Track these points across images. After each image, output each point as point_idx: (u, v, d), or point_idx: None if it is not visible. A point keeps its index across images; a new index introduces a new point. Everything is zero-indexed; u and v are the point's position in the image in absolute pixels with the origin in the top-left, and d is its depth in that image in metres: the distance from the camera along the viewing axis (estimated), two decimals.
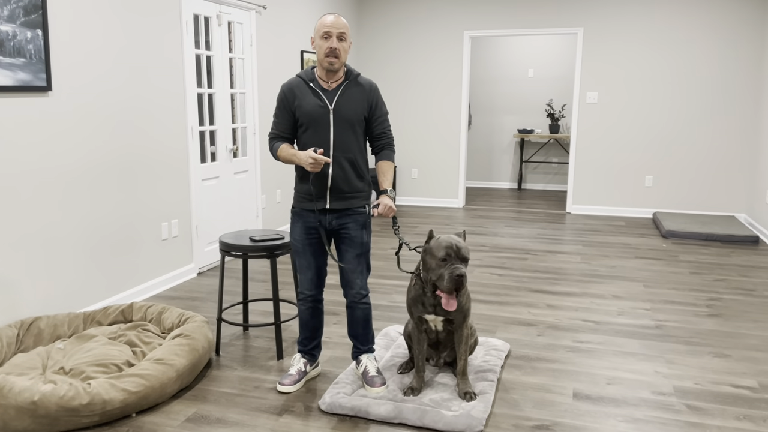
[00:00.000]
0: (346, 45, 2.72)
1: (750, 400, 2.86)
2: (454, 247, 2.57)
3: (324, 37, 2.69)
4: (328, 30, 2.67)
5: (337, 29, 2.68)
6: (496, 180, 9.53)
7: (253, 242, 3.22)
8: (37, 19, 3.33)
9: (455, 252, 2.57)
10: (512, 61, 9.19)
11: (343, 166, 2.78)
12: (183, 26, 4.52)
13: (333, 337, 3.60)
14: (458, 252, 2.57)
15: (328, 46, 2.67)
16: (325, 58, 2.70)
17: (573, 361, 3.27)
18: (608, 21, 7.03)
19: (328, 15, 2.72)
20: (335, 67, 2.71)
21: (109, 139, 3.90)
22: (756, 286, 4.60)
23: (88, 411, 2.52)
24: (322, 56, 2.70)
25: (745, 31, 6.67)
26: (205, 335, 3.14)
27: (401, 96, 7.85)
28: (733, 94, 6.80)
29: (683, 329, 3.73)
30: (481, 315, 3.97)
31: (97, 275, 3.87)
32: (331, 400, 2.75)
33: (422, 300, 2.75)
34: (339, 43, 2.68)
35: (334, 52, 2.68)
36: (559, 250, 5.66)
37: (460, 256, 2.58)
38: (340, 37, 2.69)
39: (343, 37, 2.69)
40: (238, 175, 5.37)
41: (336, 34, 2.68)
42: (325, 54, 2.69)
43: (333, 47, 2.67)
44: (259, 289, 4.49)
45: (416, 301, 2.77)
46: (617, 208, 7.33)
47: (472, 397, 2.76)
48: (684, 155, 7.03)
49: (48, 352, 3.05)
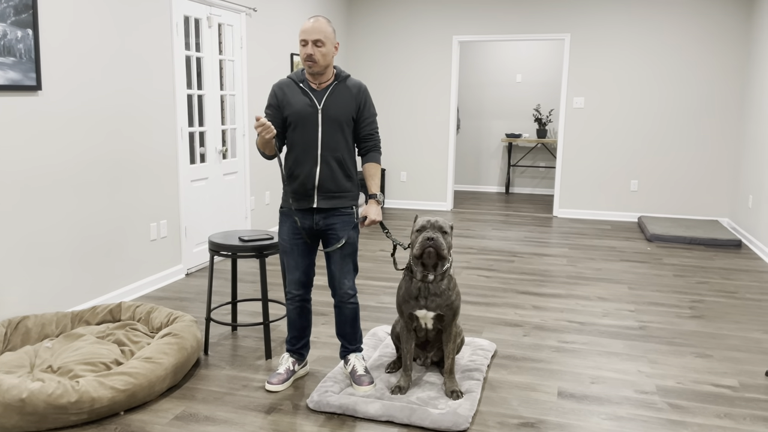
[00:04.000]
0: (325, 50, 2.73)
1: (730, 398, 2.92)
2: (432, 220, 2.74)
3: (302, 44, 2.74)
4: (304, 37, 2.72)
5: (313, 36, 2.70)
6: (484, 183, 9.59)
7: (243, 242, 3.24)
8: (27, 18, 3.34)
9: (431, 224, 2.73)
10: (500, 66, 9.27)
11: (330, 165, 2.82)
12: (173, 28, 4.54)
13: (321, 336, 3.62)
14: (434, 223, 2.73)
15: (305, 52, 2.73)
16: (304, 63, 2.75)
17: (558, 361, 3.32)
18: (595, 28, 7.12)
19: (309, 20, 2.75)
20: (314, 71, 2.76)
21: (98, 139, 3.91)
22: (738, 288, 4.68)
23: (77, 409, 2.53)
24: (302, 61, 2.76)
25: (728, 39, 6.78)
26: (193, 334, 3.15)
27: (390, 99, 7.89)
28: (716, 101, 6.91)
29: (666, 330, 3.79)
30: (468, 316, 4.01)
31: (85, 275, 3.87)
32: (319, 398, 2.77)
33: (412, 293, 2.79)
34: (315, 49, 2.71)
35: (311, 58, 2.73)
36: (546, 252, 5.72)
37: (436, 226, 2.72)
38: (316, 44, 2.71)
39: (319, 43, 2.71)
40: (227, 177, 5.38)
41: (311, 41, 2.71)
42: (304, 59, 2.74)
43: (309, 53, 2.72)
44: (248, 290, 4.50)
45: (406, 297, 2.81)
46: (603, 212, 7.41)
47: (458, 396, 2.80)
48: (669, 160, 7.13)
49: (36, 350, 3.05)
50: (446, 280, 2.79)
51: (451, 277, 2.82)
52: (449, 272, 2.82)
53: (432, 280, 2.76)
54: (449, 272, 2.82)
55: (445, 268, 2.77)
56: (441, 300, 2.77)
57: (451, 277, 2.83)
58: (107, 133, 3.98)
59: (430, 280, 2.75)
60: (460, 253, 5.66)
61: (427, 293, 2.77)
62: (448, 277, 2.80)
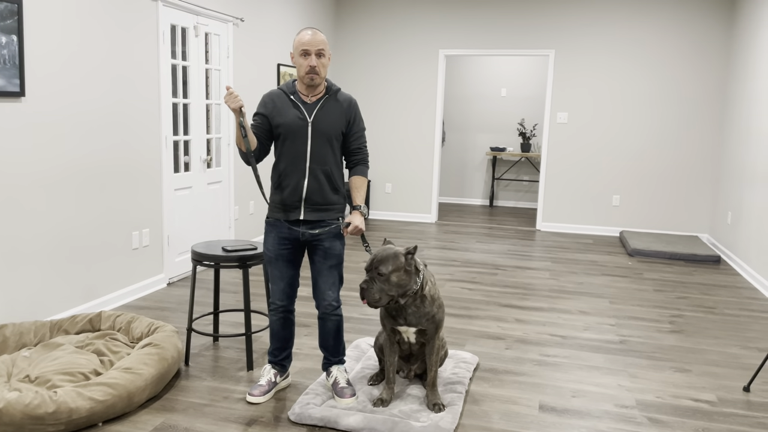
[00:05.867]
0: (326, 60, 2.76)
1: (709, 413, 2.95)
2: (373, 259, 2.64)
3: (302, 55, 2.72)
4: (307, 48, 2.70)
5: (316, 46, 2.71)
6: (469, 196, 9.64)
7: (226, 252, 3.22)
8: (12, 24, 3.31)
9: (370, 264, 2.64)
10: (486, 81, 9.36)
11: (318, 178, 2.82)
12: (160, 36, 4.53)
13: (303, 348, 3.61)
14: (372, 264, 2.64)
15: (308, 64, 2.71)
16: (306, 75, 2.73)
17: (539, 374, 3.33)
18: (578, 44, 7.23)
19: (305, 31, 2.74)
20: (316, 83, 2.76)
21: (81, 147, 3.88)
22: (716, 304, 4.74)
23: (54, 419, 2.49)
24: (303, 73, 2.74)
25: (709, 57, 6.92)
26: (174, 345, 3.12)
27: (377, 111, 7.93)
28: (697, 118, 7.03)
29: (646, 344, 3.83)
30: (451, 328, 4.02)
31: (65, 283, 3.82)
32: (300, 410, 2.76)
33: (390, 311, 2.78)
34: (318, 60, 2.72)
35: (314, 70, 2.72)
36: (529, 266, 5.75)
37: (373, 267, 2.63)
38: (318, 54, 2.72)
39: (321, 53, 2.73)
40: (211, 186, 5.36)
41: (315, 52, 2.71)
42: (306, 72, 2.73)
43: (312, 65, 2.71)
44: (230, 300, 4.47)
45: (385, 313, 2.80)
46: (585, 227, 7.48)
47: (440, 409, 2.80)
48: (650, 176, 7.23)
49: (13, 360, 3.01)
50: (420, 300, 2.73)
51: (424, 297, 2.74)
52: (425, 291, 2.74)
53: (405, 303, 2.72)
54: (425, 291, 2.74)
55: (413, 292, 2.69)
56: (421, 315, 2.74)
57: (425, 296, 2.74)
58: (91, 141, 3.95)
59: (402, 302, 2.72)
60: (443, 265, 5.68)
61: (405, 312, 2.75)
62: (421, 297, 2.73)
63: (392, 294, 2.63)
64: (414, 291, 2.69)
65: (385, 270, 2.60)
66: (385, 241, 2.78)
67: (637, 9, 7.02)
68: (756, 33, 5.92)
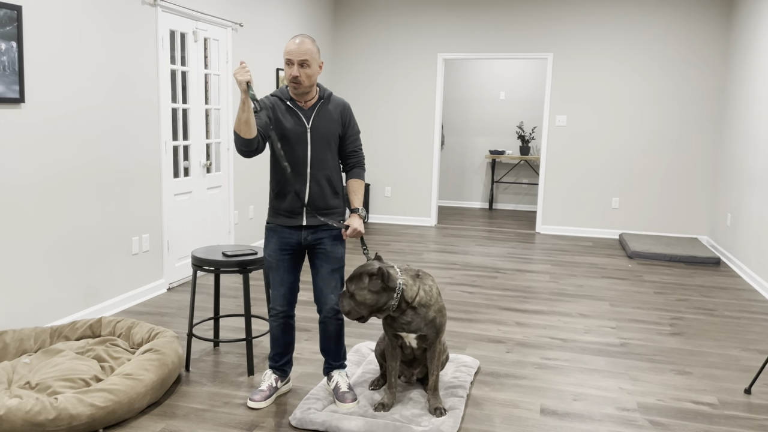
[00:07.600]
0: (311, 70, 2.72)
1: (710, 416, 2.95)
2: (356, 272, 2.66)
3: (287, 64, 2.73)
4: (289, 57, 2.70)
5: (299, 56, 2.68)
6: (468, 200, 9.65)
7: (226, 257, 3.22)
8: (12, 31, 3.32)
9: (351, 276, 2.67)
10: (484, 84, 9.37)
11: (320, 183, 2.83)
12: (159, 42, 4.54)
13: (304, 353, 3.61)
14: (355, 276, 2.66)
15: (290, 73, 2.72)
16: (290, 83, 2.75)
17: (540, 378, 3.33)
18: (577, 47, 7.24)
19: (293, 39, 2.72)
20: (299, 92, 2.76)
21: (81, 152, 3.88)
22: (717, 306, 4.74)
23: (55, 426, 2.49)
24: (288, 81, 2.76)
25: (708, 60, 6.93)
26: (174, 350, 3.12)
27: (376, 115, 7.94)
28: (696, 120, 7.04)
29: (647, 347, 3.83)
30: (452, 332, 4.02)
31: (65, 289, 3.82)
32: (301, 415, 2.76)
33: (388, 319, 2.77)
34: (300, 70, 2.71)
35: (296, 80, 2.72)
36: (529, 269, 5.75)
37: (354, 279, 2.65)
38: (301, 64, 2.70)
39: (305, 63, 2.70)
40: (211, 191, 5.36)
41: (297, 61, 2.69)
42: (289, 80, 2.74)
43: (295, 75, 2.71)
44: (231, 305, 4.47)
45: (386, 320, 2.80)
46: (585, 229, 7.49)
47: (442, 413, 2.80)
48: (649, 178, 7.24)
49: (13, 366, 3.00)
50: (411, 309, 2.70)
51: (415, 308, 2.71)
52: (413, 302, 2.69)
53: (396, 313, 2.70)
54: (413, 302, 2.69)
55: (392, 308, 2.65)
56: (420, 320, 2.72)
57: (415, 307, 2.71)
58: (90, 146, 3.95)
59: (381, 317, 2.71)
60: (443, 269, 5.68)
61: (404, 319, 2.73)
62: (411, 308, 2.70)
63: (360, 311, 2.65)
64: (392, 307, 2.66)
65: (352, 288, 2.64)
66: (375, 255, 2.77)
67: (635, 12, 7.04)
68: (754, 35, 5.94)
